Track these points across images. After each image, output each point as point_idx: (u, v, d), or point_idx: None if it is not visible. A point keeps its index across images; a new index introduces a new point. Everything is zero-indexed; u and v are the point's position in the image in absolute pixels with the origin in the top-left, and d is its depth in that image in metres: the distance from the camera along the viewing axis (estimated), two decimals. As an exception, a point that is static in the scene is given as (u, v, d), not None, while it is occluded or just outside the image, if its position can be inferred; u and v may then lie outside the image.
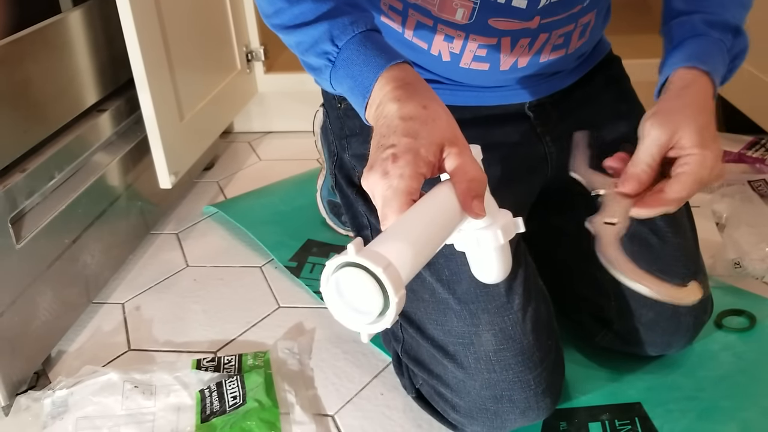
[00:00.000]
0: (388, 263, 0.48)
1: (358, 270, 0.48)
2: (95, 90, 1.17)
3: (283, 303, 1.12)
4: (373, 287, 0.48)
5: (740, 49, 0.77)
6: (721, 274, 1.09)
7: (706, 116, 0.68)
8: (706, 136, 0.66)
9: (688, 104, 0.68)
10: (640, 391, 0.88)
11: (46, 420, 0.88)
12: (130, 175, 1.23)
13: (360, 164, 0.89)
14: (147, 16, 1.13)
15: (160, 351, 1.03)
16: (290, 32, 0.67)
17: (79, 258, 1.08)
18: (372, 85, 0.62)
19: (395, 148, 0.56)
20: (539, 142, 0.87)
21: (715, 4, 0.76)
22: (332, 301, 0.50)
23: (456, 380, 0.78)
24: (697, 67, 0.70)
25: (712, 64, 0.71)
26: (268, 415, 0.86)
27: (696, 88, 0.70)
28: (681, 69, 0.71)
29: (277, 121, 1.79)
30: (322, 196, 1.25)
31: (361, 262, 0.47)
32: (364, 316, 0.50)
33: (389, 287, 0.47)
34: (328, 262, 0.49)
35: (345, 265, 0.48)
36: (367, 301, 0.49)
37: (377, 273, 0.47)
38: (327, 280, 0.50)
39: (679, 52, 0.74)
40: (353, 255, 0.48)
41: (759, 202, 1.26)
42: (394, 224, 0.54)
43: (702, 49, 0.73)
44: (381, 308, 0.49)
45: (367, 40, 0.64)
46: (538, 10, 0.73)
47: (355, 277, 0.48)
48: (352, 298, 0.50)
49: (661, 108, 0.69)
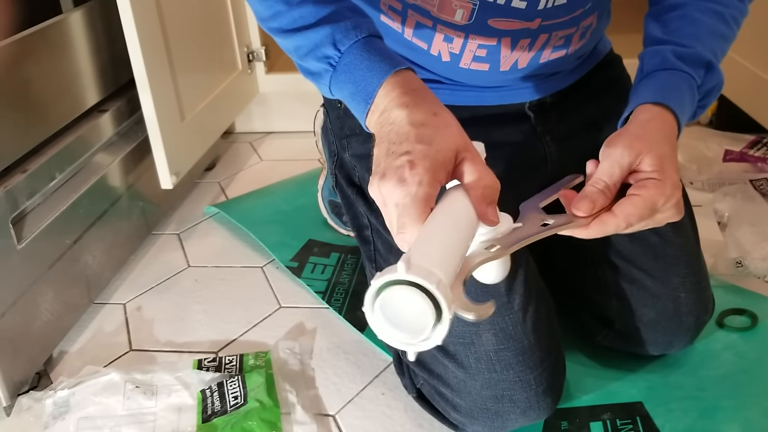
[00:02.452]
0: (439, 279, 0.47)
1: (409, 288, 0.47)
2: (96, 90, 1.17)
3: (284, 303, 1.12)
4: (425, 305, 0.47)
5: (713, 86, 0.73)
6: (722, 273, 1.09)
7: (669, 147, 0.65)
8: (667, 166, 0.63)
9: (652, 132, 0.66)
10: (642, 390, 0.88)
11: (47, 420, 0.88)
12: (131, 176, 1.24)
13: (360, 164, 0.89)
14: (148, 17, 1.13)
15: (161, 351, 1.03)
16: (289, 36, 0.66)
17: (81, 258, 1.08)
18: (376, 90, 0.61)
19: (411, 155, 0.55)
20: (539, 142, 0.87)
21: (690, 36, 0.73)
22: (378, 321, 0.49)
23: (457, 380, 0.78)
24: (662, 104, 0.68)
25: (678, 102, 0.69)
26: (269, 415, 0.86)
27: (660, 122, 0.67)
28: (646, 104, 0.69)
29: (278, 121, 1.79)
30: (323, 196, 1.25)
31: (415, 280, 0.46)
32: (413, 334, 0.49)
33: (443, 303, 0.47)
34: (373, 281, 0.48)
35: (395, 283, 0.47)
36: (417, 318, 0.48)
37: (431, 290, 0.46)
38: (373, 299, 0.48)
39: (647, 86, 0.71)
40: (404, 273, 0.46)
41: (761, 201, 1.26)
42: (425, 237, 0.52)
43: (670, 85, 0.70)
44: (433, 325, 0.48)
45: (370, 46, 0.63)
46: (538, 12, 0.73)
47: (407, 295, 0.47)
48: (400, 317, 0.48)
49: (625, 132, 0.67)
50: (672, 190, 0.62)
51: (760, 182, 1.34)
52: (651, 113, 0.68)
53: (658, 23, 0.77)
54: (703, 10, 0.75)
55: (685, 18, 0.75)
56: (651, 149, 0.63)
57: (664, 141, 0.65)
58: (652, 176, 0.62)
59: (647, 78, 0.72)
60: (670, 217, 0.64)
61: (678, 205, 0.64)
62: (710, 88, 0.73)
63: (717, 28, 0.75)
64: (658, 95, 0.69)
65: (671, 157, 0.64)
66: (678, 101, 0.69)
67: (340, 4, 0.65)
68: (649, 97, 0.69)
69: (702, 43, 0.73)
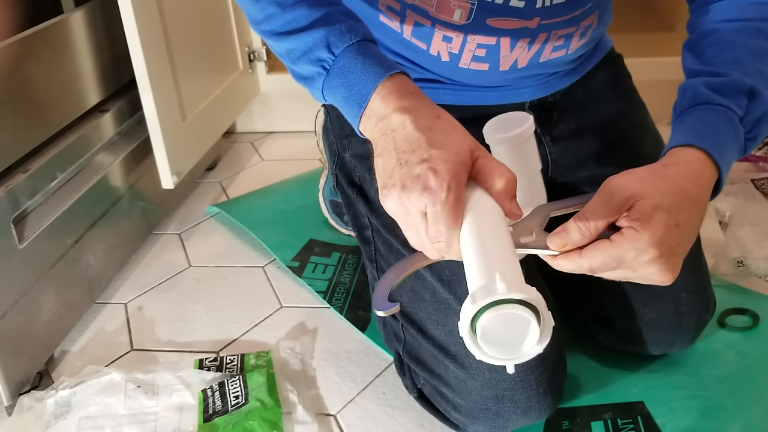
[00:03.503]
0: (534, 290, 0.48)
1: (511, 305, 0.48)
2: (97, 90, 1.17)
3: (285, 303, 1.12)
4: (530, 317, 0.48)
5: (761, 114, 0.63)
6: (724, 272, 1.08)
7: (673, 197, 0.56)
8: (657, 217, 0.54)
9: (663, 177, 0.58)
10: (643, 389, 0.88)
11: (49, 420, 0.88)
12: (132, 176, 1.24)
13: (361, 164, 0.89)
14: (149, 17, 1.13)
15: (162, 351, 1.03)
16: (282, 39, 0.65)
17: (82, 258, 1.08)
18: (370, 94, 0.60)
19: (430, 162, 0.55)
20: (539, 142, 0.86)
21: (726, 62, 0.65)
22: (480, 345, 0.50)
23: (457, 380, 0.78)
24: (694, 146, 0.60)
25: (712, 141, 0.60)
26: (271, 414, 0.86)
27: (682, 168, 0.59)
28: (677, 147, 0.61)
29: (279, 121, 1.79)
30: (325, 195, 1.25)
31: (520, 297, 0.48)
32: (513, 348, 0.50)
33: (544, 313, 0.49)
34: (469, 307, 0.49)
35: (499, 302, 0.48)
36: (519, 333, 0.49)
37: (535, 303, 0.48)
38: (470, 325, 0.49)
39: (678, 128, 0.64)
40: (506, 292, 0.47)
41: (762, 201, 1.26)
42: (490, 248, 0.53)
43: (703, 123, 0.62)
44: (539, 336, 0.49)
45: (364, 49, 0.62)
46: (537, 11, 0.73)
47: (511, 314, 0.48)
48: (496, 335, 0.49)
49: (633, 171, 0.59)
50: (647, 246, 0.54)
51: (762, 181, 1.34)
52: (676, 157, 0.60)
53: (693, 53, 0.71)
54: (741, 30, 0.68)
55: (720, 43, 0.68)
56: (647, 195, 0.56)
57: (673, 190, 0.57)
58: (632, 225, 0.55)
59: (680, 118, 0.65)
60: (651, 276, 0.56)
61: (658, 265, 0.55)
62: (759, 117, 0.64)
63: (760, 46, 0.67)
64: (690, 136, 0.61)
65: (670, 209, 0.55)
66: (713, 140, 0.61)
67: (334, 7, 0.64)
68: (680, 139, 0.62)
69: (741, 68, 0.65)
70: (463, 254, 0.55)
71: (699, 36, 0.71)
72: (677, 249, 0.56)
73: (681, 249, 0.57)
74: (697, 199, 0.58)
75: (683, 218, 0.56)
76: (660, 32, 1.74)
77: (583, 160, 0.87)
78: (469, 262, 0.54)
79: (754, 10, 0.69)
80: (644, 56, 1.47)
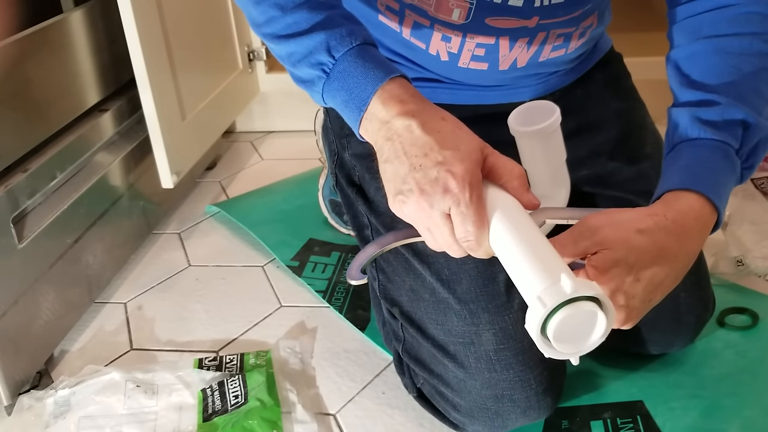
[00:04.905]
0: (594, 284, 0.51)
1: (584, 302, 0.50)
2: (97, 90, 1.17)
3: (285, 302, 1.12)
4: (597, 310, 0.50)
5: (756, 141, 0.62)
6: (723, 272, 1.08)
7: (646, 256, 0.55)
8: (616, 273, 0.54)
9: (641, 230, 0.57)
10: (642, 389, 0.88)
11: (48, 419, 0.88)
12: (132, 175, 1.24)
13: (360, 163, 0.89)
14: (148, 16, 1.13)
15: (162, 350, 1.03)
16: (282, 42, 0.65)
17: (81, 258, 1.08)
18: (369, 98, 0.60)
19: (445, 164, 0.55)
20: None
21: (718, 84, 0.63)
22: (552, 344, 0.51)
23: (457, 380, 0.78)
24: (691, 190, 0.59)
25: (709, 182, 0.59)
26: (270, 414, 0.86)
27: (669, 221, 0.58)
28: (674, 192, 0.60)
29: (279, 120, 1.79)
30: (324, 195, 1.25)
31: (589, 293, 0.49)
32: (582, 341, 0.52)
33: (607, 304, 0.51)
34: (537, 311, 0.50)
35: (568, 302, 0.49)
36: (586, 326, 0.51)
37: (599, 297, 0.50)
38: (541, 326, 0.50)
39: (671, 166, 0.63)
40: (573, 290, 0.49)
41: (762, 200, 1.26)
42: (535, 248, 0.53)
43: (699, 162, 0.61)
44: (605, 326, 0.51)
45: (364, 53, 0.62)
46: (535, 10, 0.73)
47: (580, 309, 0.50)
48: (567, 332, 0.51)
49: (611, 213, 0.58)
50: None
51: (761, 181, 1.34)
52: (666, 207, 0.59)
53: (681, 74, 0.68)
54: (731, 47, 0.66)
55: (708, 62, 0.66)
56: (613, 246, 0.55)
57: (646, 246, 0.56)
58: (588, 270, 0.55)
59: (673, 153, 0.64)
60: None
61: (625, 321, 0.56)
62: (754, 146, 0.63)
63: (753, 63, 0.65)
64: (686, 179, 0.60)
65: (633, 266, 0.55)
66: (710, 181, 0.60)
67: (334, 10, 0.64)
68: (676, 182, 0.60)
69: (734, 90, 0.63)
70: (502, 254, 0.56)
71: (686, 55, 0.69)
72: (633, 301, 0.56)
73: (639, 301, 0.56)
74: (676, 254, 0.58)
75: (648, 275, 0.56)
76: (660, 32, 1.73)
77: (583, 159, 0.86)
78: (516, 263, 0.54)
79: (744, 23, 0.66)
80: (644, 56, 1.47)
